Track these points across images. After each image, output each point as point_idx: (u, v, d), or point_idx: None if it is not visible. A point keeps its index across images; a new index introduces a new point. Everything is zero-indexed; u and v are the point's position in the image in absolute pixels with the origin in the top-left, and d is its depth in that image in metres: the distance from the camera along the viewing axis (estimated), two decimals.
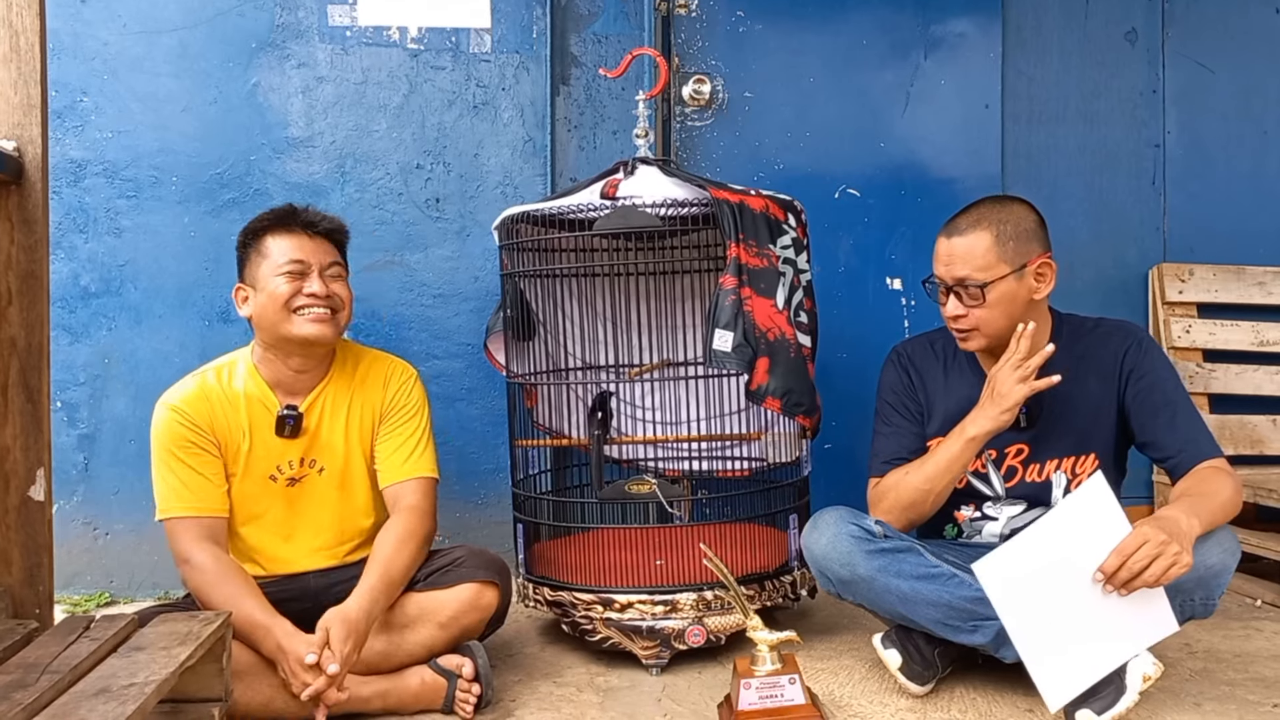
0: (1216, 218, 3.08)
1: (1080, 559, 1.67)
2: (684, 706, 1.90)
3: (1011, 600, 1.70)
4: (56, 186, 2.65)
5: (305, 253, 1.93)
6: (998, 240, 1.89)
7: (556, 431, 2.46)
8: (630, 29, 2.85)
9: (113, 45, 2.69)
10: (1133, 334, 1.99)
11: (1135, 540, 1.64)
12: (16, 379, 1.56)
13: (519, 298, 2.31)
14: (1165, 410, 1.92)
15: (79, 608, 2.60)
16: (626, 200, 2.09)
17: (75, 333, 2.69)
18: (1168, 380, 1.95)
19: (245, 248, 1.98)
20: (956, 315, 1.94)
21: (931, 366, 2.10)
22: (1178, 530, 1.66)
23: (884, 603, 1.90)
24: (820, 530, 1.94)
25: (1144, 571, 1.62)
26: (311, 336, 1.92)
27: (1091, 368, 1.97)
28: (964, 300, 1.92)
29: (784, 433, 2.32)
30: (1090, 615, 1.68)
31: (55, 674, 1.28)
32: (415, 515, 1.95)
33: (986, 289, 1.89)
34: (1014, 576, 1.70)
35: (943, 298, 1.96)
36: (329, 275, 1.96)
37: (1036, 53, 3.02)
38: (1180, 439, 1.89)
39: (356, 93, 2.77)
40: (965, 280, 1.90)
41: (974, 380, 2.04)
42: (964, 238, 1.91)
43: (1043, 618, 1.69)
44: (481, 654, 1.88)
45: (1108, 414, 1.97)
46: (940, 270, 1.95)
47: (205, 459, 1.91)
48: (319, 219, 1.98)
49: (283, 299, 1.90)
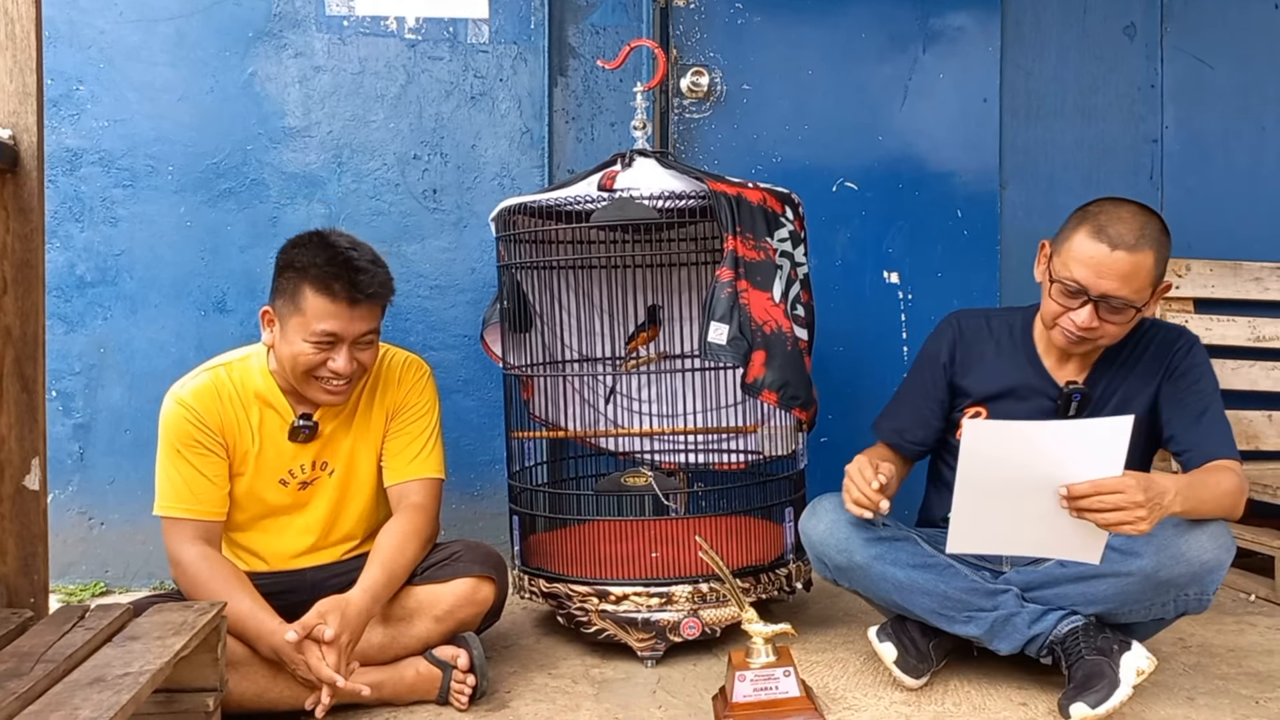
0: (1214, 213, 3.08)
1: (1062, 469, 1.65)
2: (679, 699, 1.90)
3: (980, 464, 1.67)
4: (52, 175, 2.64)
5: (341, 324, 1.81)
6: (1157, 263, 1.80)
7: (553, 423, 2.46)
8: (628, 20, 2.84)
9: (109, 33, 2.68)
10: (1187, 337, 1.96)
11: (1116, 484, 1.61)
12: (11, 368, 1.55)
13: (516, 289, 2.31)
14: (1193, 407, 1.89)
15: (74, 597, 2.60)
16: (624, 192, 2.09)
17: (71, 322, 2.68)
18: (1205, 383, 1.92)
19: (282, 277, 1.85)
20: (1090, 326, 1.81)
21: (983, 341, 2.05)
22: (1158, 500, 1.64)
23: (879, 590, 1.90)
24: (819, 517, 1.95)
25: (1101, 512, 1.61)
26: (324, 403, 1.90)
27: (1142, 364, 1.95)
28: (1102, 314, 1.81)
29: (780, 426, 2.33)
30: (1036, 508, 1.67)
31: (50, 663, 1.28)
32: (419, 514, 1.94)
33: (1139, 311, 1.82)
34: (996, 449, 1.67)
35: (1072, 300, 1.83)
36: (359, 345, 1.86)
37: (1035, 47, 3.02)
38: (1199, 435, 1.87)
39: (354, 83, 2.76)
40: (1117, 298, 1.79)
41: (1024, 363, 2.01)
42: (1131, 255, 1.77)
43: (993, 487, 1.67)
44: (477, 645, 1.88)
45: (1144, 405, 1.93)
46: (1089, 278, 1.79)
47: (210, 459, 1.87)
48: (367, 286, 1.81)
49: (305, 367, 1.83)
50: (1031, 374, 1.99)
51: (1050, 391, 1.98)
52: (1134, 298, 1.79)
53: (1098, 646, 1.76)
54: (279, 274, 1.86)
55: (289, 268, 1.84)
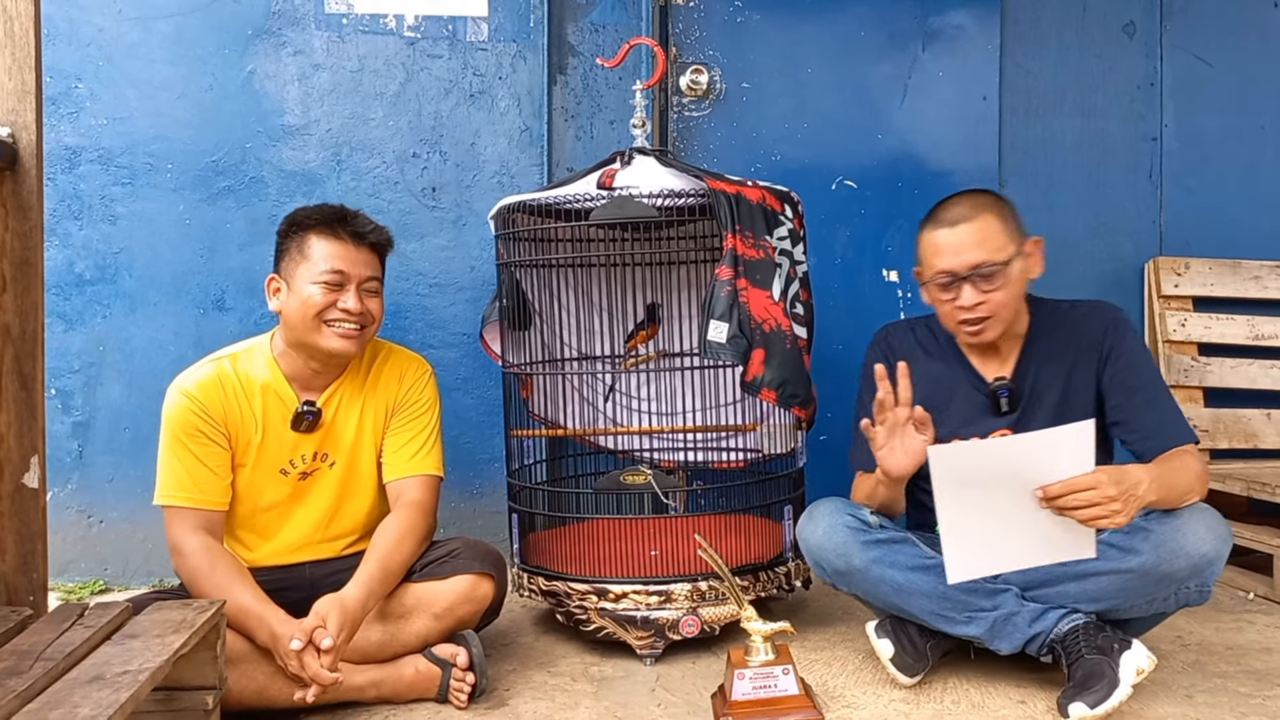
0: (1213, 212, 3.09)
1: (1034, 476, 1.67)
2: (678, 696, 1.90)
3: (952, 485, 1.68)
4: (51, 173, 2.64)
5: (347, 263, 1.89)
6: (1002, 220, 1.88)
7: (552, 421, 2.46)
8: (628, 18, 2.84)
9: (108, 31, 2.68)
10: (1111, 313, 1.96)
11: (1088, 480, 1.64)
12: (11, 366, 1.55)
13: (515, 287, 2.31)
14: (1141, 392, 1.90)
15: (73, 595, 2.60)
16: (623, 190, 2.09)
17: (70, 320, 2.68)
18: (1145, 363, 1.93)
19: (286, 239, 1.92)
20: (974, 304, 1.87)
21: (912, 350, 2.05)
22: (1133, 492, 1.66)
23: (879, 593, 1.91)
24: (816, 521, 1.94)
25: (1078, 509, 1.64)
26: (337, 350, 1.90)
27: (1070, 349, 1.96)
28: (981, 286, 1.87)
29: (779, 424, 2.33)
30: (1020, 520, 1.68)
31: (49, 661, 1.28)
32: (416, 511, 1.94)
33: (1007, 268, 1.86)
34: (966, 470, 1.68)
35: (950, 293, 1.89)
36: (365, 290, 1.91)
37: (1034, 45, 3.02)
38: (1154, 422, 1.88)
39: (353, 80, 2.76)
40: (983, 264, 1.85)
41: (954, 364, 2.02)
42: (971, 224, 1.87)
43: (973, 505, 1.69)
44: (476, 643, 1.88)
45: (1088, 394, 1.95)
46: (949, 261, 1.87)
47: (212, 450, 1.89)
48: (367, 229, 1.92)
49: (315, 309, 1.86)
50: (962, 374, 2.01)
51: (983, 388, 1.99)
52: (996, 257, 1.86)
53: (1098, 645, 1.76)
54: (283, 239, 1.94)
55: (292, 227, 1.93)
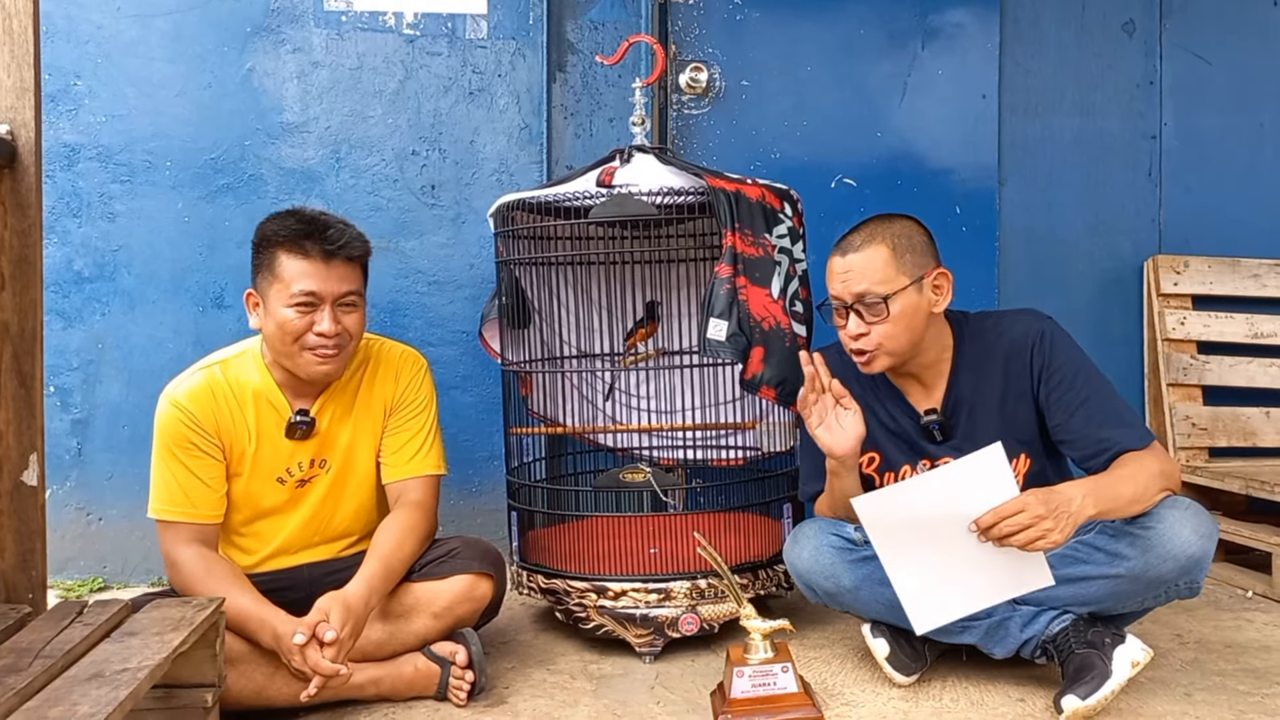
0: (1212, 210, 3.09)
1: (963, 511, 1.67)
2: (677, 694, 1.90)
3: (887, 535, 1.71)
4: (50, 171, 2.64)
5: (319, 282, 1.80)
6: (894, 253, 1.83)
7: (551, 419, 2.46)
8: (627, 16, 2.84)
9: (107, 28, 2.68)
10: (1034, 326, 1.88)
11: (1015, 505, 1.62)
12: (9, 364, 1.55)
13: (514, 285, 2.30)
14: (1081, 408, 1.82)
15: (72, 593, 2.60)
16: (622, 188, 2.09)
17: (69, 318, 2.68)
18: (1079, 373, 1.84)
19: (258, 253, 1.85)
20: (858, 334, 1.85)
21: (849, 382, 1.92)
22: (1065, 509, 1.63)
23: (871, 610, 1.91)
24: (801, 544, 1.94)
25: (1012, 536, 1.62)
26: (317, 377, 1.87)
27: (999, 368, 1.89)
28: (865, 318, 1.84)
29: (778, 422, 2.33)
30: (966, 558, 1.69)
31: (48, 659, 1.28)
32: (418, 511, 1.93)
33: (889, 301, 1.82)
34: (894, 516, 1.70)
35: (840, 319, 1.89)
36: (342, 307, 1.83)
37: (1034, 44, 3.02)
38: (1096, 437, 1.80)
39: (352, 78, 2.76)
40: (865, 295, 1.82)
41: (886, 397, 1.98)
42: (860, 253, 1.84)
43: (917, 555, 1.70)
44: (475, 641, 1.88)
45: (1026, 412, 1.88)
46: (837, 288, 1.86)
47: (205, 462, 1.85)
48: (339, 242, 1.81)
49: (291, 335, 1.81)
50: (896, 405, 1.97)
51: (916, 419, 1.95)
52: (879, 289, 1.82)
53: (1089, 640, 1.76)
54: (255, 252, 1.87)
55: (262, 241, 1.85)
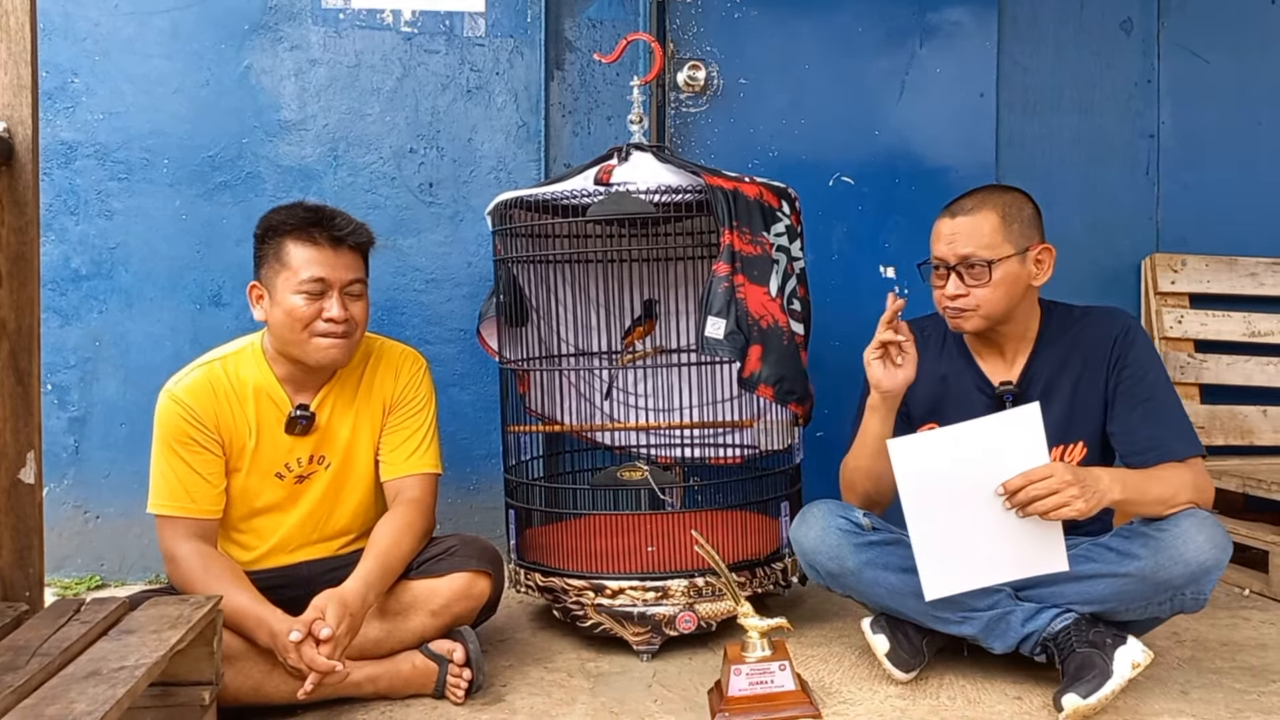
0: (1210, 208, 3.09)
1: (993, 472, 1.68)
2: (674, 692, 1.90)
3: (916, 486, 1.71)
4: (47, 168, 2.63)
5: (327, 269, 1.83)
6: (1004, 220, 1.88)
7: (549, 417, 2.46)
8: (625, 14, 2.84)
9: (104, 26, 2.67)
10: (1121, 322, 1.94)
11: (1045, 470, 1.66)
12: (6, 361, 1.55)
13: (512, 283, 2.30)
14: (1142, 405, 1.87)
15: (69, 591, 2.60)
16: (620, 186, 2.09)
17: (66, 315, 2.68)
18: (1149, 372, 1.90)
19: (263, 244, 1.87)
20: (956, 294, 1.89)
21: (921, 346, 1.99)
22: (1093, 484, 1.67)
23: (873, 595, 1.91)
24: (809, 524, 1.95)
25: (1039, 500, 1.65)
26: (325, 362, 1.87)
27: (1080, 356, 1.95)
28: (965, 280, 1.88)
29: (776, 420, 2.33)
30: (987, 527, 1.70)
31: (45, 657, 1.28)
32: (415, 509, 1.93)
33: (993, 266, 1.86)
34: (925, 463, 1.70)
35: (940, 280, 1.92)
36: (348, 294, 1.86)
37: (1032, 42, 3.02)
38: (1146, 436, 1.84)
39: (349, 76, 2.75)
40: (970, 258, 1.87)
41: (961, 365, 2.02)
42: (970, 217, 1.88)
43: (941, 514, 1.71)
44: (473, 639, 1.88)
45: (1096, 403, 1.93)
46: (942, 249, 1.90)
47: (205, 457, 1.86)
48: (345, 230, 1.86)
49: (302, 321, 1.82)
50: (968, 374, 2.00)
51: (989, 390, 1.98)
52: (985, 253, 1.86)
53: (1090, 640, 1.76)
54: (260, 245, 1.89)
55: (268, 232, 1.88)
